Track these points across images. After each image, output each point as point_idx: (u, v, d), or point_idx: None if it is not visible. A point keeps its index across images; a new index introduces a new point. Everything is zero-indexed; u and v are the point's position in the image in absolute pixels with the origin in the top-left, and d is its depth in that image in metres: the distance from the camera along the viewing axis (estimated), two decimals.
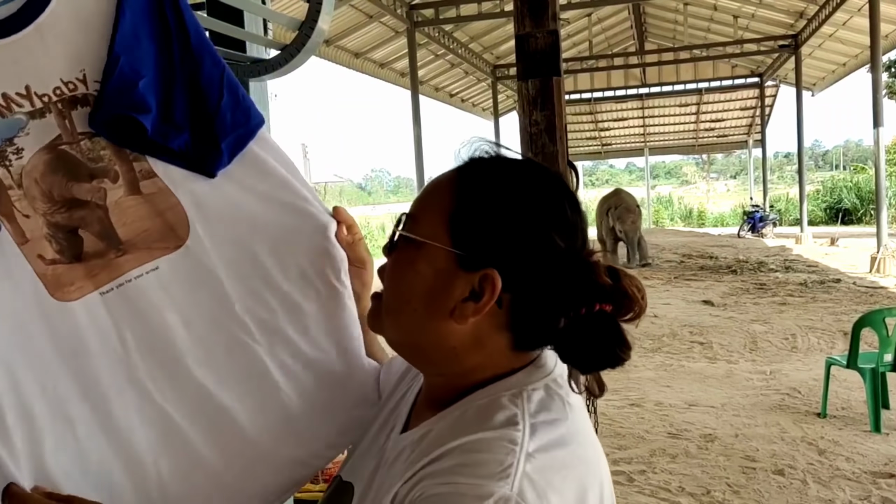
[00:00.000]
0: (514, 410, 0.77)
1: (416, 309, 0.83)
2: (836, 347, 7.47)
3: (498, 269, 0.79)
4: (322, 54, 14.95)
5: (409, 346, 0.87)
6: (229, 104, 1.02)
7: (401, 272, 0.85)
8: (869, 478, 4.23)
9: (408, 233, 0.84)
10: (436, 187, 0.86)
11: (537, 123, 3.61)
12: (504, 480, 0.70)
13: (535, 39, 3.57)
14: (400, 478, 0.78)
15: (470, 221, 0.81)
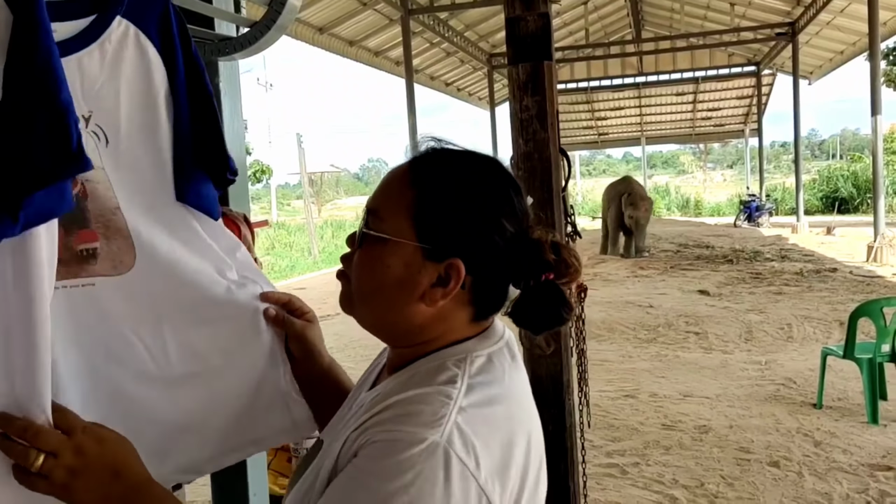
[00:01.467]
0: (456, 371, 0.88)
1: (388, 297, 0.92)
2: (832, 337, 7.42)
3: (460, 257, 0.90)
4: (316, 42, 14.83)
5: (378, 325, 0.96)
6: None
7: (370, 266, 0.93)
8: (866, 470, 4.18)
9: (375, 231, 0.92)
10: (393, 183, 0.94)
11: (528, 109, 3.52)
12: (436, 428, 0.80)
13: (525, 23, 3.48)
14: (352, 428, 0.87)
15: (431, 216, 0.90)
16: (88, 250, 1.11)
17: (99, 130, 1.11)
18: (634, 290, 10.76)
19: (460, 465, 0.79)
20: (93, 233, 1.11)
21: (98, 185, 1.11)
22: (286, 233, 26.59)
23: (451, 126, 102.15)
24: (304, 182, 27.12)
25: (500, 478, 0.83)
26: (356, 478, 0.81)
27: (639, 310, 9.15)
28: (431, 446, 0.79)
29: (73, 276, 1.10)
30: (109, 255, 1.12)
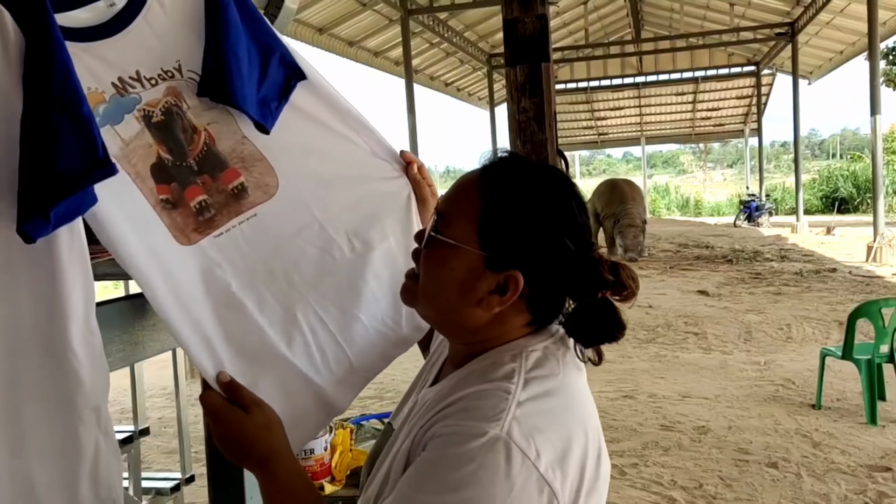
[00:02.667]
0: (513, 366, 0.92)
1: (450, 297, 0.97)
2: (832, 338, 7.42)
3: (520, 269, 0.94)
4: (316, 43, 14.83)
5: (439, 321, 1.03)
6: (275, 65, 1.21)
7: (436, 267, 0.98)
8: (864, 471, 4.17)
9: (442, 235, 0.96)
10: (464, 189, 0.99)
11: (526, 111, 3.52)
12: (496, 422, 0.84)
13: (523, 24, 3.48)
14: (418, 424, 0.93)
15: (496, 228, 0.95)
16: (237, 187, 1.19)
17: (194, 74, 1.16)
18: None
19: (521, 455, 0.83)
20: (234, 170, 1.19)
21: (218, 123, 1.19)
22: None
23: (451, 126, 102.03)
24: None
25: (560, 467, 0.86)
26: (422, 470, 0.86)
27: (638, 310, 9.14)
28: (492, 439, 0.83)
29: (236, 214, 1.19)
30: (256, 184, 1.20)
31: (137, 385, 2.95)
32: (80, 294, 0.99)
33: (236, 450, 1.06)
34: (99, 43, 1.08)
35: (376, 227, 1.31)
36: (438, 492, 0.82)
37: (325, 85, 1.28)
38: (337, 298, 1.26)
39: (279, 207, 1.21)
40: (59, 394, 0.99)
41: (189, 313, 1.12)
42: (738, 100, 27.36)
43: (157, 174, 1.13)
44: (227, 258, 1.17)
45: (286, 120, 1.22)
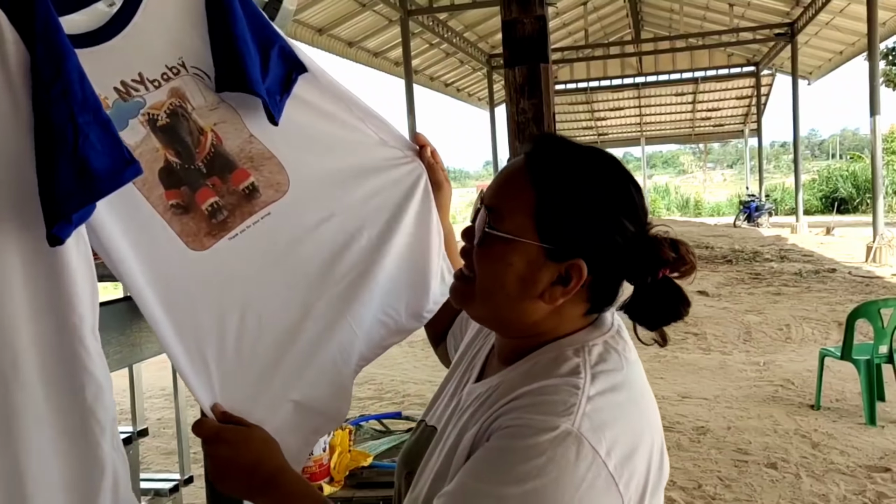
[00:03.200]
0: (577, 361, 0.90)
1: (510, 293, 0.94)
2: (831, 338, 7.42)
3: (582, 257, 0.92)
4: (315, 43, 14.83)
5: (497, 318, 0.98)
6: (276, 58, 1.20)
7: (493, 264, 0.94)
8: (864, 472, 4.17)
9: (497, 230, 0.93)
10: (512, 179, 0.95)
11: (525, 112, 3.52)
12: (568, 417, 0.83)
13: (522, 25, 3.48)
14: (477, 420, 0.91)
15: (553, 216, 0.91)
16: (248, 187, 1.18)
17: (199, 70, 1.15)
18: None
19: (592, 452, 0.82)
20: (243, 170, 1.18)
21: (225, 123, 1.17)
22: None
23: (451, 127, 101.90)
24: None
25: (628, 464, 0.84)
26: (488, 461, 0.84)
27: None
28: (563, 433, 0.81)
29: (249, 215, 1.17)
30: (267, 182, 1.19)
31: (136, 386, 2.95)
32: (87, 296, 0.98)
33: (242, 471, 1.03)
34: (99, 47, 1.07)
35: (391, 215, 1.30)
36: (504, 483, 0.81)
37: (327, 77, 1.27)
38: (354, 290, 1.25)
39: (292, 204, 1.20)
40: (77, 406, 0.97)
41: (188, 334, 1.10)
42: (738, 100, 27.36)
43: (166, 179, 1.12)
44: (243, 260, 1.16)
45: (292, 115, 1.20)
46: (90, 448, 0.97)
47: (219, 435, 1.06)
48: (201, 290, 1.12)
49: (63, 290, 0.96)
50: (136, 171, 0.96)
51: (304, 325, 1.20)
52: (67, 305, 0.96)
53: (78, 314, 0.96)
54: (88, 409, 0.97)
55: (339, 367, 1.24)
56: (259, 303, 1.17)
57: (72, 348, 0.96)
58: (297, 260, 1.21)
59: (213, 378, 1.12)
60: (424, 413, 1.14)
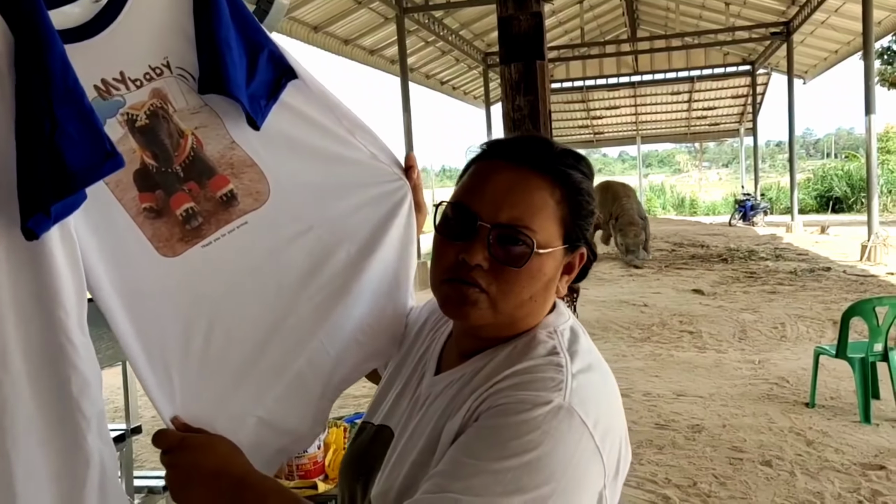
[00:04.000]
0: (553, 343, 0.96)
1: (536, 297, 0.98)
2: (826, 336, 7.44)
3: (584, 243, 1.02)
4: (311, 41, 14.80)
5: (508, 325, 0.99)
6: (264, 62, 1.16)
7: (530, 278, 0.97)
8: (858, 469, 4.18)
9: (541, 249, 0.96)
10: (536, 196, 0.97)
11: (520, 109, 3.52)
12: (558, 392, 0.88)
13: (518, 22, 3.48)
14: (458, 405, 0.94)
15: (574, 219, 0.99)
16: (226, 195, 1.14)
17: (184, 71, 1.12)
18: (629, 289, 10.76)
19: (581, 425, 0.86)
20: (223, 177, 1.14)
21: (207, 127, 1.13)
22: None
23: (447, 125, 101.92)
24: None
25: (608, 439, 0.89)
26: (482, 438, 0.87)
27: (633, 309, 9.16)
28: (556, 407, 0.86)
29: (226, 223, 1.14)
30: (246, 191, 1.16)
31: (129, 384, 2.94)
32: (72, 291, 0.97)
33: (207, 478, 1.00)
34: (82, 44, 1.04)
35: (372, 233, 1.24)
36: (500, 458, 0.83)
37: (318, 86, 1.23)
38: (328, 308, 1.21)
39: (271, 215, 1.16)
40: (64, 398, 0.97)
41: (153, 342, 1.08)
42: (734, 99, 27.39)
43: (141, 181, 1.09)
44: (215, 269, 1.13)
45: (278, 122, 1.17)
46: (76, 441, 0.97)
47: (182, 442, 1.03)
48: (169, 298, 1.09)
49: (48, 284, 0.94)
50: (116, 165, 0.95)
51: (274, 339, 1.16)
52: (53, 300, 0.95)
53: (64, 309, 0.96)
54: (74, 402, 0.96)
55: (309, 386, 1.20)
56: (228, 314, 1.13)
57: (58, 342, 0.95)
58: (271, 272, 1.17)
59: (176, 389, 1.09)
60: (367, 415, 1.13)
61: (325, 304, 1.20)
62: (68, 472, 0.97)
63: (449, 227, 1.00)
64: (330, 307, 1.21)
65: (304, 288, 1.19)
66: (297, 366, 1.18)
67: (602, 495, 0.90)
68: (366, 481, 1.03)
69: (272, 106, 1.16)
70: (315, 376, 1.20)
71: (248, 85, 1.13)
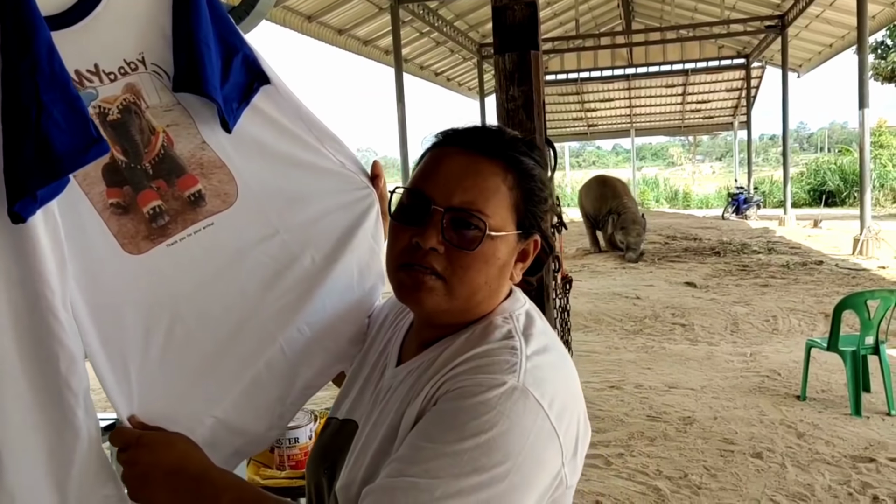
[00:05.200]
0: (508, 327, 0.98)
1: (491, 282, 0.99)
2: (817, 330, 7.46)
3: (538, 231, 1.03)
4: (305, 31, 14.73)
5: (464, 310, 1.00)
6: (238, 65, 1.16)
7: (485, 262, 0.98)
8: (849, 462, 4.20)
9: (494, 232, 0.97)
10: (485, 176, 0.99)
11: (514, 99, 3.50)
12: (513, 374, 0.89)
13: (512, 12, 3.45)
14: (417, 392, 0.95)
15: (527, 204, 1.01)
16: (194, 194, 1.14)
17: (158, 68, 1.11)
18: (621, 282, 10.78)
19: (536, 405, 0.88)
20: (191, 177, 1.14)
21: (178, 126, 1.13)
22: None
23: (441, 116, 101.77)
24: None
25: (564, 418, 0.91)
26: (439, 422, 0.89)
27: (625, 301, 9.17)
28: (510, 388, 0.88)
29: (192, 223, 1.13)
30: (215, 192, 1.15)
31: None
32: (56, 269, 0.98)
33: (167, 474, 1.00)
34: (59, 32, 1.03)
35: (338, 240, 1.25)
36: (457, 440, 0.85)
37: (290, 93, 1.23)
38: (290, 313, 1.20)
39: (238, 217, 1.16)
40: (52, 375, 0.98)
41: (112, 339, 1.07)
42: (728, 92, 27.42)
43: (109, 177, 1.08)
44: (179, 268, 1.12)
45: (249, 125, 1.17)
46: (65, 416, 0.98)
47: (139, 440, 1.03)
48: (131, 295, 1.09)
49: (34, 264, 0.95)
50: (101, 151, 0.95)
51: (235, 342, 1.16)
52: (39, 279, 0.95)
53: (50, 287, 0.96)
54: (63, 379, 0.98)
55: (268, 389, 1.19)
56: (190, 314, 1.13)
57: (45, 321, 0.96)
58: (235, 275, 1.17)
59: (133, 387, 1.08)
60: (332, 411, 1.15)
61: (287, 308, 1.20)
62: (59, 446, 0.98)
63: (403, 212, 1.01)
64: (293, 312, 1.20)
65: (268, 292, 1.19)
66: (257, 369, 1.18)
67: (561, 473, 0.91)
68: (331, 475, 1.04)
69: (244, 109, 1.16)
70: (274, 380, 1.20)
71: (223, 87, 1.13)
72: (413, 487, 0.84)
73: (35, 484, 0.96)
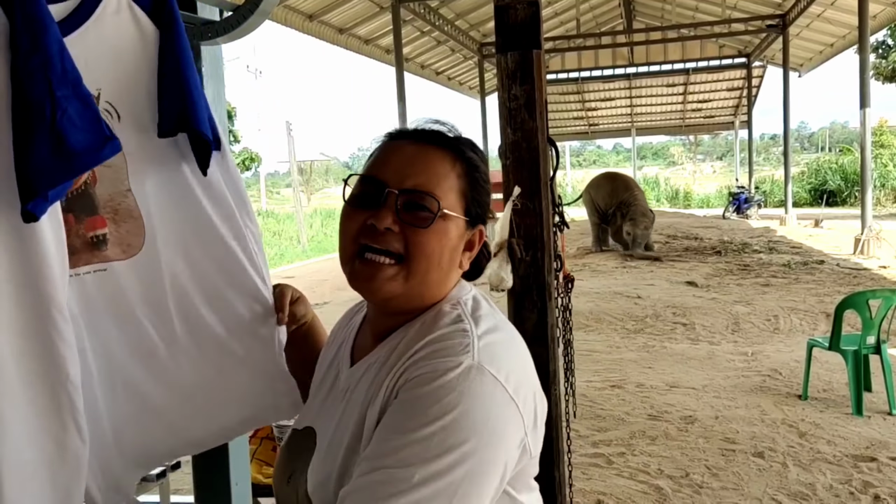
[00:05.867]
0: (458, 311, 1.03)
1: (442, 266, 1.04)
2: (819, 329, 7.46)
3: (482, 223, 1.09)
4: (306, 30, 14.73)
5: (416, 295, 1.04)
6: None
7: (439, 241, 1.02)
8: (850, 461, 4.20)
9: (445, 210, 1.02)
10: (437, 162, 1.05)
11: (516, 98, 3.50)
12: (466, 354, 0.94)
13: (514, 11, 3.45)
14: (378, 386, 0.98)
15: (472, 193, 1.07)
16: (98, 236, 1.13)
17: (110, 107, 1.11)
18: (622, 281, 10.78)
19: (493, 380, 0.92)
20: (101, 219, 1.13)
21: (109, 168, 1.11)
22: (275, 221, 26.49)
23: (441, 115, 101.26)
24: (293, 170, 27.01)
25: (521, 391, 0.95)
26: (402, 412, 0.92)
27: (627, 300, 9.16)
28: (466, 368, 0.92)
29: (86, 263, 1.13)
30: (119, 239, 1.14)
31: None
32: (59, 268, 0.98)
33: None
34: None
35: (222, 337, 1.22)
36: (422, 426, 0.88)
37: (234, 167, 1.22)
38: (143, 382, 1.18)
39: (133, 272, 1.15)
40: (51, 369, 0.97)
41: None
42: (729, 92, 27.40)
43: None
44: (78, 298, 1.11)
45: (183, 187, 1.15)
46: (72, 418, 0.98)
47: None
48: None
49: (40, 261, 0.95)
50: (114, 149, 0.95)
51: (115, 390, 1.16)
52: (46, 280, 0.95)
53: (56, 287, 0.96)
54: (71, 381, 0.98)
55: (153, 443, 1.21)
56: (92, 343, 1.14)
57: (49, 315, 0.96)
58: (111, 328, 1.15)
59: None
60: (294, 425, 1.17)
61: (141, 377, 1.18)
62: (60, 450, 0.98)
63: (358, 198, 1.05)
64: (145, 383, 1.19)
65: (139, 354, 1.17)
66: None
67: (524, 442, 0.95)
68: (295, 482, 1.07)
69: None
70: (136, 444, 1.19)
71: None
72: (390, 478, 0.87)
73: (35, 490, 0.96)
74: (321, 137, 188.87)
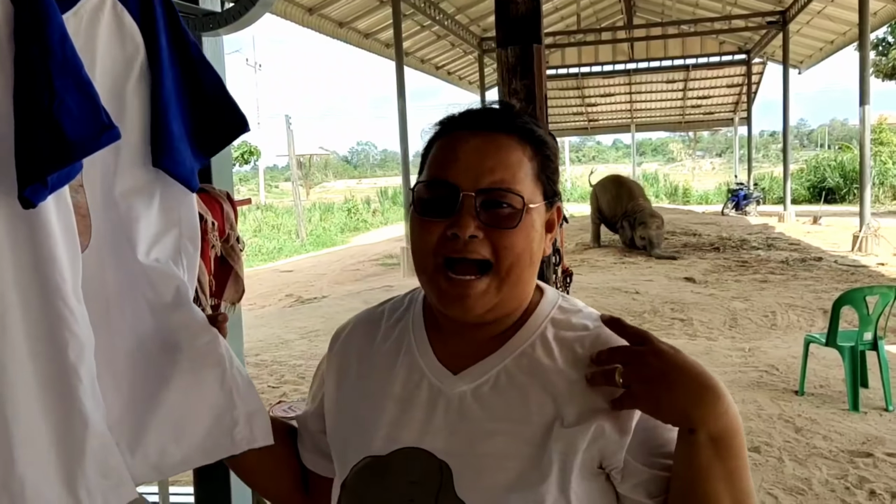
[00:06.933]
0: (579, 306, 1.04)
1: (533, 261, 0.98)
2: (816, 325, 7.48)
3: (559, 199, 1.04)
4: (305, 23, 14.70)
5: (514, 298, 0.99)
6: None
7: (526, 236, 0.96)
8: (846, 456, 4.22)
9: (530, 203, 0.96)
10: (506, 152, 0.97)
11: (517, 92, 3.51)
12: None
13: (515, 5, 3.46)
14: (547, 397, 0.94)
15: (546, 175, 1.00)
16: None
17: None
18: (621, 277, 10.79)
19: None
20: None
21: None
22: (274, 215, 26.49)
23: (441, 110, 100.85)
24: (292, 164, 27.00)
25: None
26: None
27: (625, 296, 9.18)
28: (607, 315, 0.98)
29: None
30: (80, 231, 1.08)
31: None
32: (67, 258, 0.97)
33: None
34: None
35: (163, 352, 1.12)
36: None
37: (192, 199, 1.18)
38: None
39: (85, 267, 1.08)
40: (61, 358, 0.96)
41: None
42: (729, 88, 27.36)
43: None
44: None
45: (136, 202, 1.12)
46: (73, 405, 0.97)
47: None
48: None
49: (46, 251, 0.95)
50: (112, 137, 0.95)
51: None
52: (51, 266, 0.95)
53: (61, 275, 0.96)
54: (72, 367, 0.97)
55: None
56: None
57: (56, 308, 0.95)
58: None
59: None
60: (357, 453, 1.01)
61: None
62: (67, 435, 0.97)
63: (429, 206, 0.96)
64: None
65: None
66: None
67: None
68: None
69: None
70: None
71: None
72: None
73: (43, 474, 0.95)
74: (320, 131, 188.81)
